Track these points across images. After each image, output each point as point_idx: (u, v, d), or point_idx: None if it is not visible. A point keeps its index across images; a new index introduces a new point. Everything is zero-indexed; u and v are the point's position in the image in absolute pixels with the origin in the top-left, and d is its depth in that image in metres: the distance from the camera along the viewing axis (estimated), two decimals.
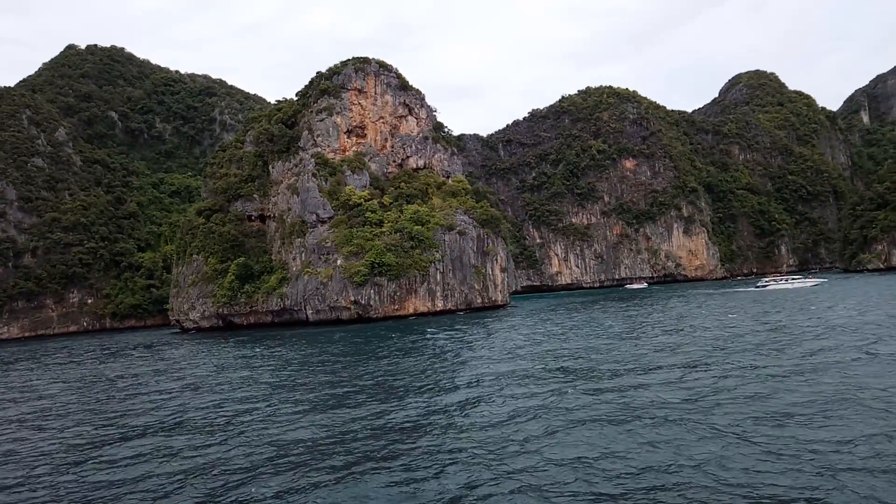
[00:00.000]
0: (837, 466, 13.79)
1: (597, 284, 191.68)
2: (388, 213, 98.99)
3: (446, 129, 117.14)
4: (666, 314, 61.91)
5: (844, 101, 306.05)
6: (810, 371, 24.29)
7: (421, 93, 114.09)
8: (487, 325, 63.13)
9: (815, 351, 29.39)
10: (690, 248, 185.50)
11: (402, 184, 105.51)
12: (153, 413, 26.06)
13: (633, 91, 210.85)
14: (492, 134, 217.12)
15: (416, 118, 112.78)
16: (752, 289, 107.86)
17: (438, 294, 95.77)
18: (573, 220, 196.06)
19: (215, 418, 23.43)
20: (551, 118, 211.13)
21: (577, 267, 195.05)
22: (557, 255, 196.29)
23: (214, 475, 16.01)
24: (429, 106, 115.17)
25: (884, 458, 14.03)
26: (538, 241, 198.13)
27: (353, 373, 33.53)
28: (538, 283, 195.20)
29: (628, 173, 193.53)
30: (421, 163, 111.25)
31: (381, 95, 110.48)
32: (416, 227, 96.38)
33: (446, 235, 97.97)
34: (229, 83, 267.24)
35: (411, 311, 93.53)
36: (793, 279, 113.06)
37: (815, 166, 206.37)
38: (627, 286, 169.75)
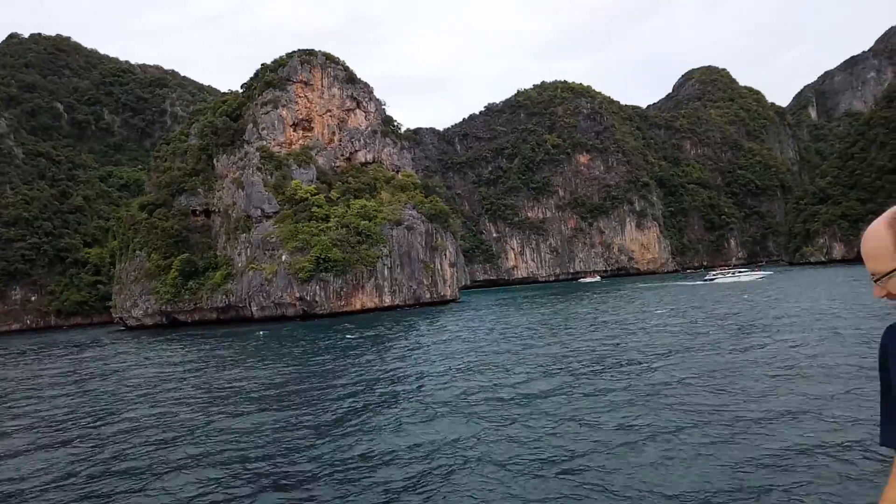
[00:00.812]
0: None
1: (552, 278, 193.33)
2: (335, 207, 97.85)
3: (396, 123, 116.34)
4: (601, 309, 62.41)
5: (794, 98, 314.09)
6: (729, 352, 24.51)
7: (369, 86, 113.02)
8: (425, 322, 62.77)
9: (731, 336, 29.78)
10: (643, 242, 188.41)
11: (350, 178, 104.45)
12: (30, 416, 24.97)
13: (588, 86, 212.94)
14: (448, 128, 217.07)
15: (365, 111, 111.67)
16: (700, 282, 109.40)
17: (386, 289, 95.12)
18: (529, 214, 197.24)
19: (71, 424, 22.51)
20: (507, 112, 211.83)
21: (533, 261, 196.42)
22: (514, 249, 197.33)
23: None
24: (378, 99, 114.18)
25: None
26: (494, 235, 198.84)
27: (234, 375, 32.81)
28: (495, 277, 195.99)
29: (582, 168, 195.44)
30: (370, 157, 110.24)
31: (328, 88, 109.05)
32: (364, 222, 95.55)
33: (394, 230, 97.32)
34: (182, 74, 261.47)
35: (358, 306, 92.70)
36: (739, 272, 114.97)
37: (763, 161, 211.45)
38: (581, 280, 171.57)
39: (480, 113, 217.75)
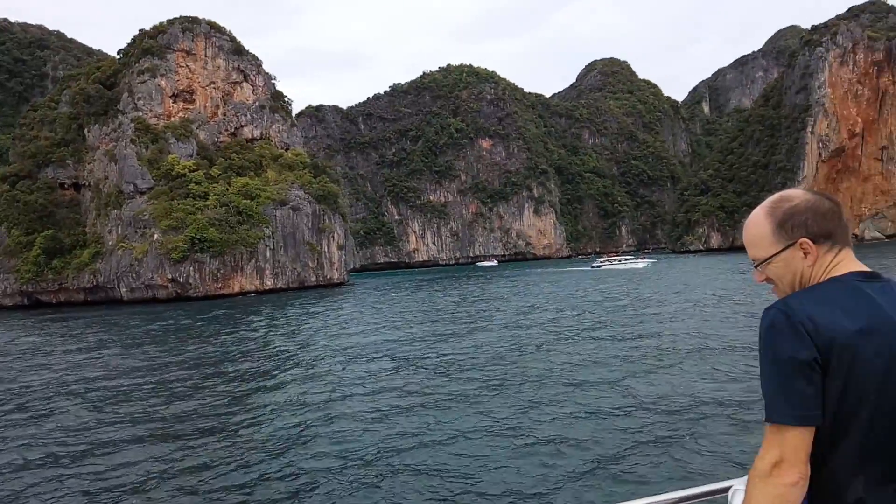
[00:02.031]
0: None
1: (452, 262, 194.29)
2: (215, 185, 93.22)
3: (287, 99, 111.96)
4: (484, 293, 62.47)
5: (689, 92, 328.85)
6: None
7: (258, 59, 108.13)
8: (298, 307, 60.63)
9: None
10: (540, 228, 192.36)
11: (234, 154, 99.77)
12: None
13: (493, 72, 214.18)
14: (352, 107, 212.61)
15: (253, 85, 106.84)
16: (587, 268, 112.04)
17: (268, 272, 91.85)
18: (431, 197, 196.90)
19: None
20: (412, 94, 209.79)
21: (434, 244, 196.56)
22: (415, 232, 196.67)
23: None
24: (267, 73, 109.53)
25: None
26: (396, 217, 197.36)
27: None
28: (395, 260, 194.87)
29: (484, 153, 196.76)
30: (257, 133, 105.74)
31: (212, 59, 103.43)
32: (245, 201, 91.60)
33: (278, 211, 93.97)
34: (69, 36, 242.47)
35: (237, 289, 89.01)
36: (625, 259, 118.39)
37: (656, 153, 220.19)
38: (478, 264, 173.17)
39: (385, 93, 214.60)
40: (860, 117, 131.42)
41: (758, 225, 1.91)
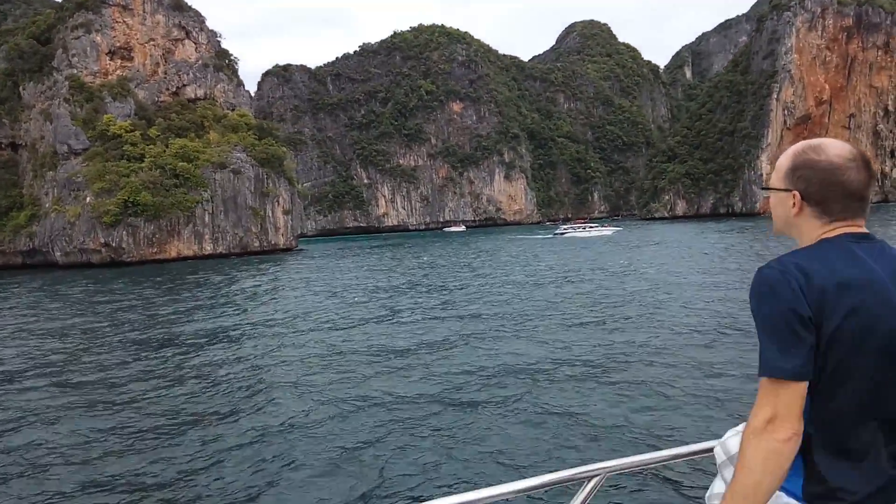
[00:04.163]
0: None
1: (422, 227, 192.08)
2: (152, 146, 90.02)
3: (233, 58, 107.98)
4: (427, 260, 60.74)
5: (672, 57, 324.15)
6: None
7: (201, 15, 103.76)
8: (225, 275, 58.55)
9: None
10: (510, 193, 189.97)
11: (174, 115, 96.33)
12: None
13: (465, 32, 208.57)
14: (320, 66, 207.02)
15: (195, 43, 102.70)
16: (551, 235, 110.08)
17: (207, 237, 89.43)
18: (401, 161, 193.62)
19: None
20: (382, 54, 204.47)
21: (404, 209, 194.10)
22: (384, 197, 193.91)
23: None
24: (211, 30, 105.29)
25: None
26: (366, 181, 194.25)
27: None
28: (365, 225, 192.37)
29: (455, 116, 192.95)
30: (200, 92, 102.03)
31: (150, 14, 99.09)
32: (182, 163, 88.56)
33: (217, 174, 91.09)
34: None
35: (174, 254, 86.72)
36: (590, 227, 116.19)
37: (632, 118, 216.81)
38: (445, 230, 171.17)
39: (355, 53, 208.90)
40: (828, 84, 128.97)
41: (783, 157, 1.95)
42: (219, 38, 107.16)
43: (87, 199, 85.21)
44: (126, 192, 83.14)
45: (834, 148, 1.87)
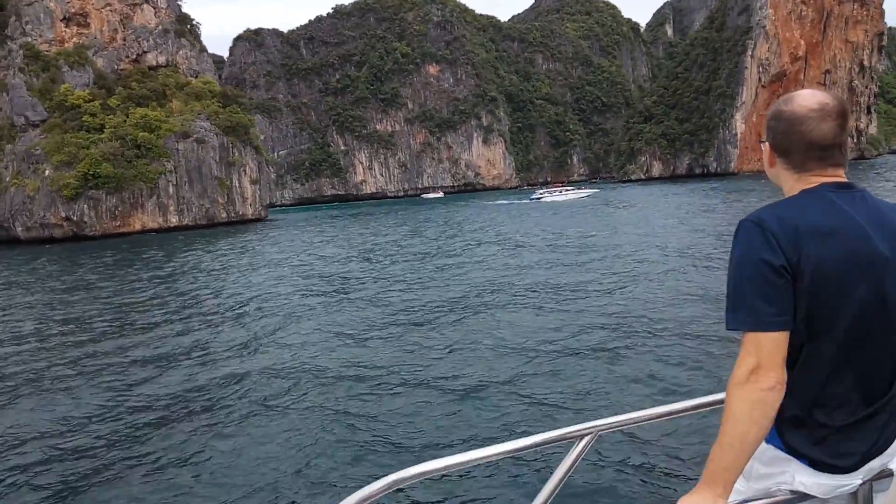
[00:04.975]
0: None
1: (401, 193, 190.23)
2: (112, 117, 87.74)
3: (195, 22, 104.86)
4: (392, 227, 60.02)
5: (653, 14, 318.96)
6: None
7: None
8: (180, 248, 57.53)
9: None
10: (489, 158, 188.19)
11: (135, 83, 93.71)
12: None
13: None
14: (293, 30, 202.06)
15: (155, 7, 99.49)
16: (526, 200, 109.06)
17: (172, 209, 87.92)
18: (377, 126, 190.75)
19: None
20: (356, 16, 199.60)
21: (382, 176, 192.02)
22: (362, 164, 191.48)
23: None
24: None
25: None
26: (342, 148, 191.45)
27: None
28: (343, 192, 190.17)
29: (432, 80, 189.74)
30: (162, 59, 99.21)
31: None
32: (144, 133, 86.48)
33: (180, 144, 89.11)
34: None
35: (139, 227, 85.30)
36: (566, 191, 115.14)
37: (611, 78, 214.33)
38: (423, 196, 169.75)
39: (328, 15, 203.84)
40: (803, 40, 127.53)
41: (771, 107, 1.96)
42: (179, 2, 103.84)
43: (47, 172, 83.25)
44: (86, 164, 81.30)
45: (801, 98, 1.86)
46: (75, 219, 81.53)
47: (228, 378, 14.58)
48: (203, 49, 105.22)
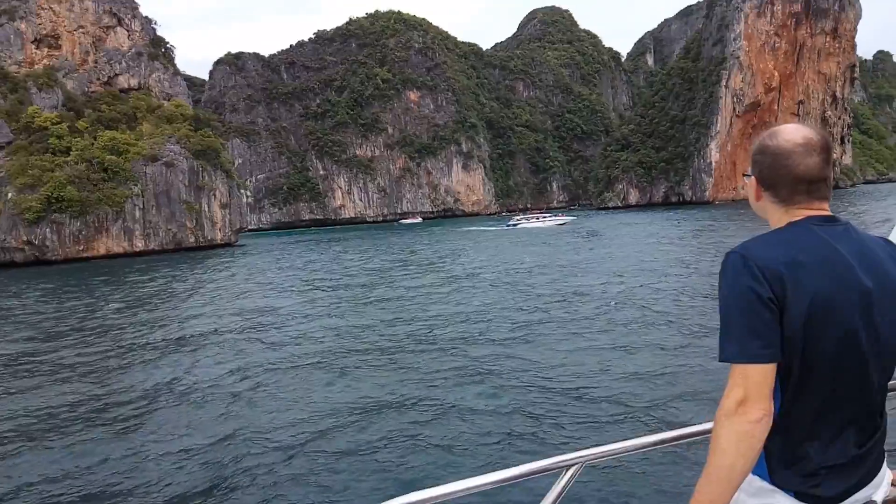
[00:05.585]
0: None
1: (380, 219, 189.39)
2: (79, 139, 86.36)
3: (169, 45, 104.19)
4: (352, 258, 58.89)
5: (634, 44, 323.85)
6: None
7: (134, 0, 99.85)
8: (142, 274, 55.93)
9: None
10: (468, 184, 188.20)
11: (105, 106, 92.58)
12: None
13: (423, 18, 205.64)
14: (274, 54, 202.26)
15: (128, 30, 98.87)
16: (503, 227, 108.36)
17: (138, 233, 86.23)
18: (357, 151, 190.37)
19: None
20: (338, 41, 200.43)
21: (361, 200, 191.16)
22: (341, 188, 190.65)
23: None
24: (145, 17, 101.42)
25: None
26: (321, 172, 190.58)
27: None
28: (322, 217, 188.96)
29: (412, 105, 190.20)
30: (134, 82, 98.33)
31: (79, 0, 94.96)
32: (111, 156, 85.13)
33: (149, 167, 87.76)
34: None
35: (103, 251, 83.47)
36: (543, 217, 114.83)
37: (591, 106, 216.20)
38: (401, 221, 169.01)
39: (310, 40, 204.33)
40: (777, 71, 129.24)
41: (756, 141, 1.98)
42: (154, 26, 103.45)
43: (10, 194, 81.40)
44: (50, 187, 79.61)
45: (786, 133, 1.88)
46: (37, 243, 79.57)
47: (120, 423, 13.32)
48: (177, 72, 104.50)
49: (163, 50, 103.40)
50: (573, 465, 1.88)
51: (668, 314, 21.49)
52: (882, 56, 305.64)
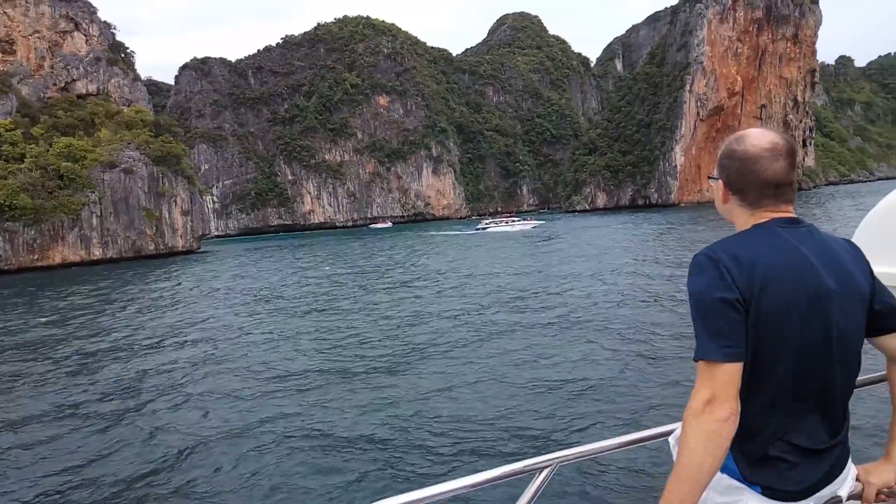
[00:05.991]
0: None
1: (350, 223, 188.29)
2: (33, 146, 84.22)
3: (129, 51, 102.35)
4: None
5: (603, 49, 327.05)
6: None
7: (92, 5, 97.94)
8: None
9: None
10: (438, 188, 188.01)
11: (61, 112, 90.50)
12: None
13: (392, 24, 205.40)
14: (241, 59, 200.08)
15: (86, 35, 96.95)
16: (472, 231, 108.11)
17: (95, 241, 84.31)
18: (326, 156, 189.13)
19: None
20: (306, 46, 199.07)
21: (331, 205, 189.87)
22: (310, 193, 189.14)
23: None
24: (103, 22, 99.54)
25: None
26: (290, 177, 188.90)
27: None
28: (290, 222, 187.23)
29: (382, 110, 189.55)
30: (93, 88, 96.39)
31: (34, 5, 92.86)
32: (67, 163, 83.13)
33: (106, 174, 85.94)
34: None
35: (59, 260, 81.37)
36: (513, 221, 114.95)
37: (560, 111, 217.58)
38: (371, 226, 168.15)
39: (277, 45, 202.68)
40: (740, 76, 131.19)
41: (722, 146, 2.02)
42: (113, 31, 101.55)
43: None
44: (2, 194, 77.46)
45: (753, 138, 1.91)
46: None
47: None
48: (137, 77, 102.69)
49: (122, 55, 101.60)
50: (546, 466, 1.89)
51: (630, 317, 21.55)
52: (843, 61, 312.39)
